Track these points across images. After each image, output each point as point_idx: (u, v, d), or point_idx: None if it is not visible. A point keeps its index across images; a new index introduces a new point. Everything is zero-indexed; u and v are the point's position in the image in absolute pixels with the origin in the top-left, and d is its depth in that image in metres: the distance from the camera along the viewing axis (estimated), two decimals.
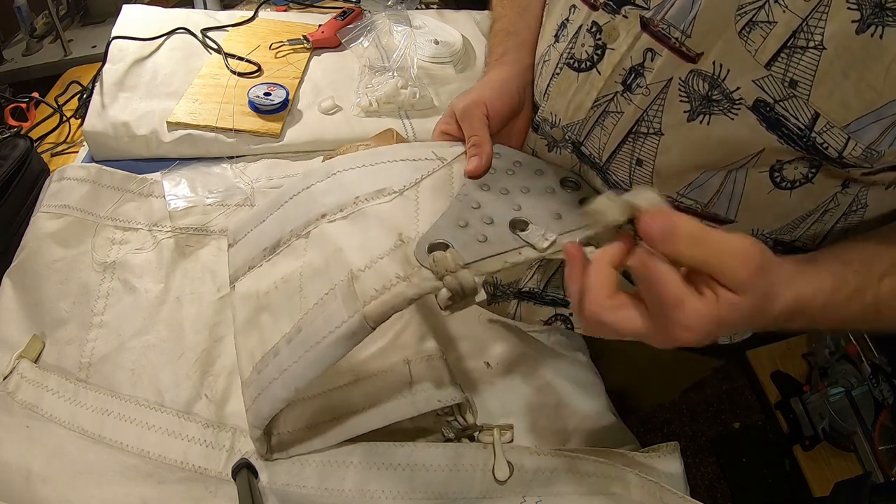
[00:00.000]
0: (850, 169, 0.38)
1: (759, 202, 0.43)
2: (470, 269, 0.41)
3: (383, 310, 0.39)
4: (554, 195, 0.49)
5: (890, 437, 0.99)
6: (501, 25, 0.60)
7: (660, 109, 0.42)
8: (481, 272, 0.41)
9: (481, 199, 0.47)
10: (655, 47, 0.41)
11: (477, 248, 0.42)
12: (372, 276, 0.42)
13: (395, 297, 0.40)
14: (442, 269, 0.40)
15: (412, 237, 0.43)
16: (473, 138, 0.51)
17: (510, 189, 0.49)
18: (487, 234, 0.44)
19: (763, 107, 0.38)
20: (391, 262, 0.42)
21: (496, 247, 0.43)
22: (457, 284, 0.39)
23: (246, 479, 0.45)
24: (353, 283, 0.42)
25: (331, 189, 0.51)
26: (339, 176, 0.51)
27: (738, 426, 1.34)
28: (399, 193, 0.48)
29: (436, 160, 0.51)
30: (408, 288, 0.40)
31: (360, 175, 0.51)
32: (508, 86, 0.53)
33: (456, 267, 0.40)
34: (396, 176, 0.50)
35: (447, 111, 0.55)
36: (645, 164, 0.45)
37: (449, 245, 0.42)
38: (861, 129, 0.35)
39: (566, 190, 0.50)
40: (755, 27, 0.36)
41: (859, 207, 0.43)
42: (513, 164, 0.52)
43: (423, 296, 0.40)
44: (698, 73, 0.39)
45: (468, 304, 0.41)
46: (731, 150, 0.40)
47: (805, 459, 1.03)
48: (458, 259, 0.41)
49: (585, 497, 0.46)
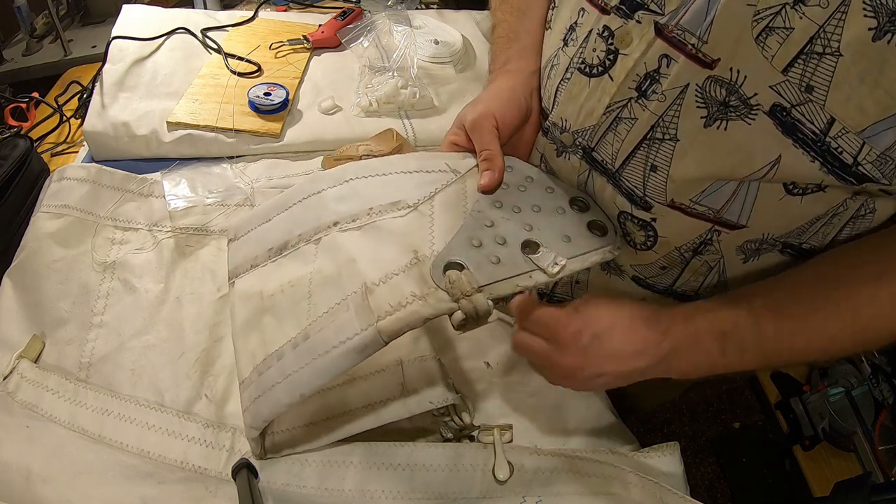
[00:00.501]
0: (866, 184, 0.38)
1: (770, 208, 0.43)
2: (483, 292, 0.42)
3: (398, 326, 0.40)
4: (564, 216, 0.50)
5: (890, 437, 0.99)
6: (502, 31, 0.60)
7: (676, 115, 0.42)
8: (494, 295, 0.42)
9: (494, 217, 0.48)
10: (671, 53, 0.40)
11: (490, 269, 0.44)
12: (387, 292, 0.42)
13: (411, 315, 0.40)
14: (458, 292, 0.41)
15: (427, 255, 0.44)
16: (485, 152, 0.51)
17: (522, 207, 0.50)
18: (500, 256, 0.45)
19: (780, 111, 0.37)
20: (407, 279, 0.43)
21: (509, 269, 0.44)
22: (472, 308, 0.41)
23: (246, 479, 0.45)
24: (368, 297, 0.42)
25: (343, 196, 0.51)
26: (352, 184, 0.52)
27: (738, 426, 1.34)
28: (413, 208, 0.49)
29: (449, 172, 0.52)
30: (423, 308, 0.41)
31: (374, 185, 0.51)
32: (515, 94, 0.53)
33: (471, 290, 0.41)
34: (410, 188, 0.50)
35: (456, 122, 0.55)
36: (660, 170, 0.44)
37: (464, 266, 0.43)
38: (876, 134, 0.35)
39: (575, 210, 0.51)
40: (772, 33, 0.36)
41: (867, 212, 0.43)
42: (525, 179, 0.52)
43: (437, 316, 0.41)
44: (715, 79, 0.39)
45: (480, 325, 0.42)
46: (746, 155, 0.40)
47: (805, 459, 1.03)
48: (473, 282, 0.42)
49: (585, 497, 0.46)
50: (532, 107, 0.54)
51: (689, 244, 0.49)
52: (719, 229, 0.46)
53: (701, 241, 0.48)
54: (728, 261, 0.49)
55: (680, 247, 0.49)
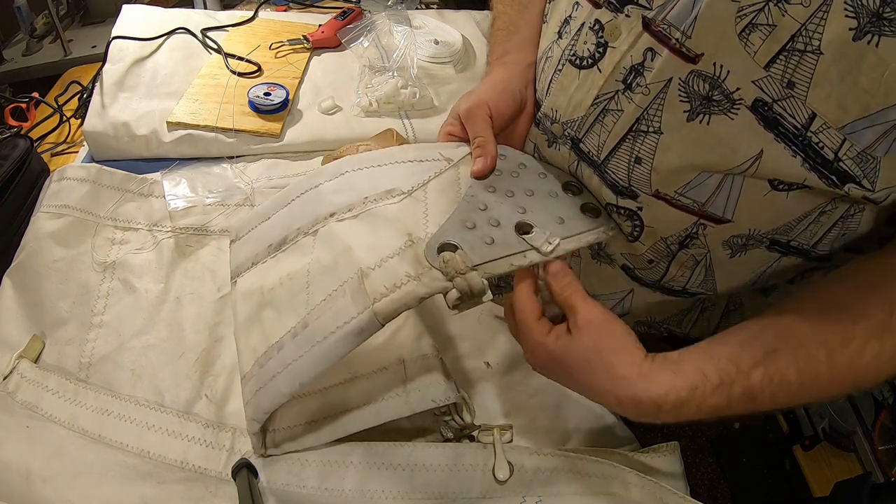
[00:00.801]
0: (849, 186, 0.38)
1: (756, 203, 0.43)
2: (478, 270, 0.42)
3: (394, 307, 0.40)
4: (557, 199, 0.50)
5: (890, 437, 0.99)
6: (501, 24, 0.61)
7: (660, 108, 0.42)
8: (488, 274, 0.42)
9: (488, 200, 0.48)
10: (656, 47, 0.41)
11: (484, 249, 0.44)
12: (382, 275, 0.42)
13: (406, 295, 0.40)
14: (452, 271, 0.41)
15: (421, 237, 0.44)
16: (478, 139, 0.51)
17: (515, 191, 0.50)
18: (494, 237, 0.45)
19: (761, 106, 0.38)
20: (401, 261, 0.43)
21: (503, 249, 0.44)
22: (466, 286, 0.41)
23: (246, 479, 0.45)
24: (364, 281, 0.42)
25: (340, 188, 0.51)
26: (347, 176, 0.52)
27: (738, 426, 1.33)
28: (408, 194, 0.49)
29: (442, 160, 0.52)
30: (418, 287, 0.41)
31: (369, 175, 0.52)
32: (511, 85, 0.54)
33: (465, 268, 0.41)
34: (404, 177, 0.50)
35: (451, 113, 0.55)
36: (644, 163, 0.45)
37: (458, 246, 0.43)
38: (856, 132, 0.36)
39: (568, 194, 0.51)
40: (755, 29, 0.36)
41: (856, 212, 0.43)
42: (517, 165, 0.53)
43: (432, 295, 0.41)
44: (698, 73, 0.39)
45: (475, 304, 0.42)
46: (729, 149, 0.41)
47: (805, 459, 1.03)
48: (467, 261, 0.42)
49: (585, 497, 0.46)
50: (527, 98, 0.55)
51: (675, 236, 0.49)
52: (705, 223, 0.46)
53: (687, 234, 0.48)
54: (714, 255, 0.49)
55: (666, 238, 0.49)
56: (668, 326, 0.62)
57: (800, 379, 0.38)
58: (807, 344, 0.39)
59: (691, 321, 0.60)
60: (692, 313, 0.60)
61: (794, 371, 0.38)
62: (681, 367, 0.40)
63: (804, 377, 0.38)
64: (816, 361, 0.38)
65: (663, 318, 0.61)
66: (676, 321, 0.61)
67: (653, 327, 0.63)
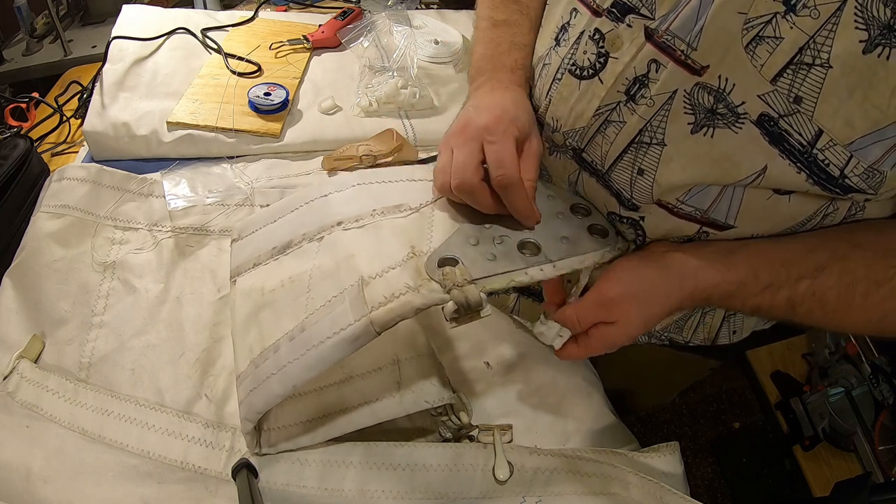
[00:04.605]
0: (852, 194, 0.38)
1: (758, 208, 0.43)
2: (476, 284, 0.42)
3: (390, 317, 0.40)
4: (563, 219, 0.50)
5: (890, 437, 0.99)
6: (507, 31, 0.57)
7: (664, 120, 0.42)
8: (487, 289, 0.43)
9: (493, 219, 0.49)
10: (660, 58, 0.40)
11: (485, 265, 0.44)
12: (382, 284, 0.43)
13: (403, 305, 0.41)
14: (450, 283, 0.42)
15: (424, 251, 0.45)
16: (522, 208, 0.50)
17: None
18: (496, 253, 0.45)
19: (767, 121, 0.37)
20: (402, 272, 0.43)
21: (504, 265, 0.45)
22: (463, 298, 0.41)
23: (246, 479, 0.45)
24: (363, 289, 0.43)
25: (349, 199, 0.52)
26: (358, 188, 0.53)
27: (738, 426, 1.34)
28: (416, 210, 0.50)
29: None
30: (415, 298, 0.41)
31: (380, 190, 0.53)
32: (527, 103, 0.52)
33: (463, 281, 0.42)
34: (414, 194, 0.52)
35: (507, 137, 0.50)
36: (647, 174, 0.45)
37: (458, 261, 0.44)
38: (863, 148, 0.35)
39: (576, 215, 0.51)
40: (762, 42, 0.35)
41: (857, 211, 0.43)
42: None
43: (429, 307, 0.41)
44: (704, 86, 0.39)
45: (473, 318, 0.42)
46: (732, 164, 0.40)
47: (805, 459, 1.03)
48: (466, 274, 0.42)
49: (585, 497, 0.46)
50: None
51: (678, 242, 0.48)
52: (707, 230, 0.46)
53: (690, 241, 0.48)
54: None
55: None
56: (669, 335, 0.62)
57: (836, 303, 0.41)
58: (852, 272, 0.41)
59: (692, 328, 0.60)
60: (692, 320, 0.60)
61: (835, 294, 0.41)
62: (733, 262, 0.43)
63: (840, 302, 0.41)
64: (854, 292, 0.41)
65: (664, 326, 0.61)
66: (677, 328, 0.61)
67: (653, 336, 0.62)
